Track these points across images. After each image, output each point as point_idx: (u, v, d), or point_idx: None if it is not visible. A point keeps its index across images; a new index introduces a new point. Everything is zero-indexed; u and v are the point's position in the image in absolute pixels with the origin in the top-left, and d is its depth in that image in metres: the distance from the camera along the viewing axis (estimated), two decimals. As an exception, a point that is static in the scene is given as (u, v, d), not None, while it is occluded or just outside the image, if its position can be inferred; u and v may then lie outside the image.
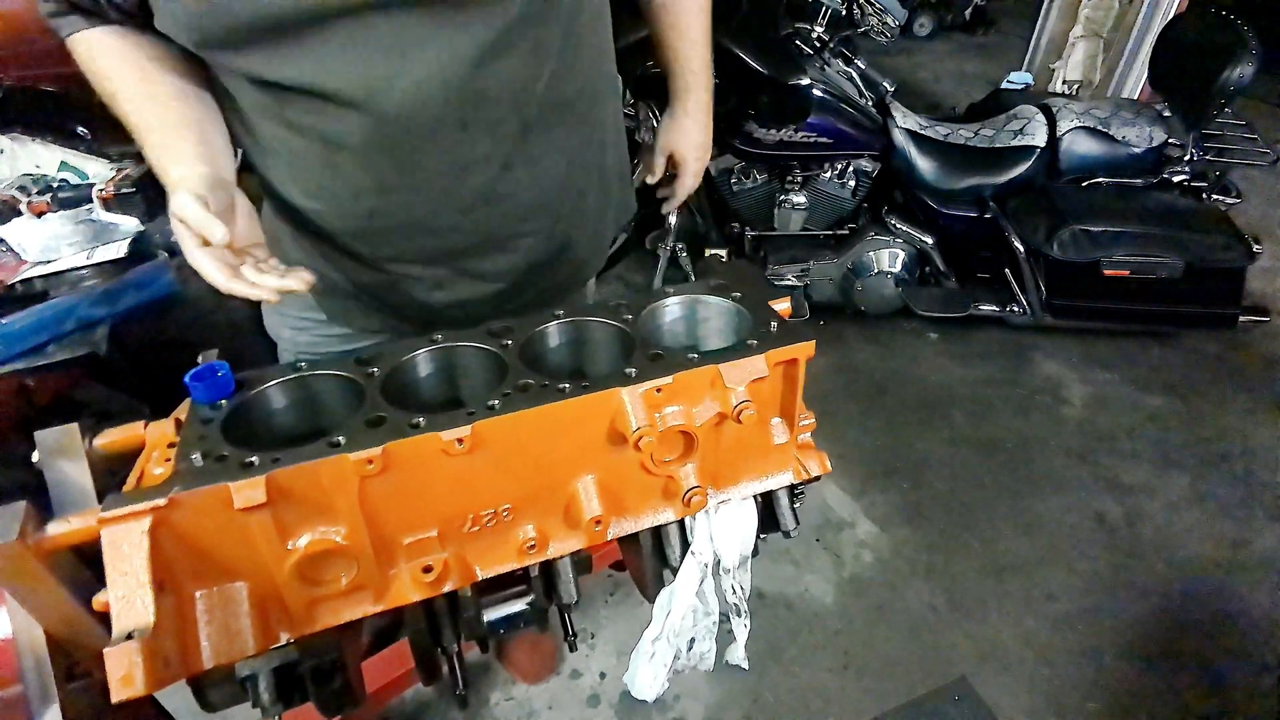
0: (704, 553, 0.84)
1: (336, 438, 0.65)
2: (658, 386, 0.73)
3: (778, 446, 0.85)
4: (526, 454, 0.72)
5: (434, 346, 0.81)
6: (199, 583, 0.65)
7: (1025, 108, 2.64)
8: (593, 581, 1.86)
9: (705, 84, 1.13)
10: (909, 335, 2.83)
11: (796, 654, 1.74)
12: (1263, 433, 2.43)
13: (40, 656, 0.65)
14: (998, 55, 6.16)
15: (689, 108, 1.12)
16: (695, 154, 1.17)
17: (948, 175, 2.56)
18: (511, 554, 0.77)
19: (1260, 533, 2.09)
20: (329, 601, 0.70)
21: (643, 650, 0.87)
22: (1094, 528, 2.08)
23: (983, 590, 1.90)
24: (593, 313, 0.86)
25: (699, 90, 1.12)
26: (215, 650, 0.64)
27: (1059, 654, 1.75)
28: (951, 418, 2.45)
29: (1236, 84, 2.33)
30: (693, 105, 1.13)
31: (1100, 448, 2.35)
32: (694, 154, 1.17)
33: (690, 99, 1.12)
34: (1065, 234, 2.38)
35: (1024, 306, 2.63)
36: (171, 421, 0.73)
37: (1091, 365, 2.70)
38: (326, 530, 0.66)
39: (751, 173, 2.59)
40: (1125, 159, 2.56)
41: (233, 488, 0.60)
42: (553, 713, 1.61)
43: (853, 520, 2.08)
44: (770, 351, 0.77)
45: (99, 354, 1.47)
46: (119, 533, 0.58)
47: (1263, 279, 3.11)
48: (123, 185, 1.61)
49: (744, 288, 0.91)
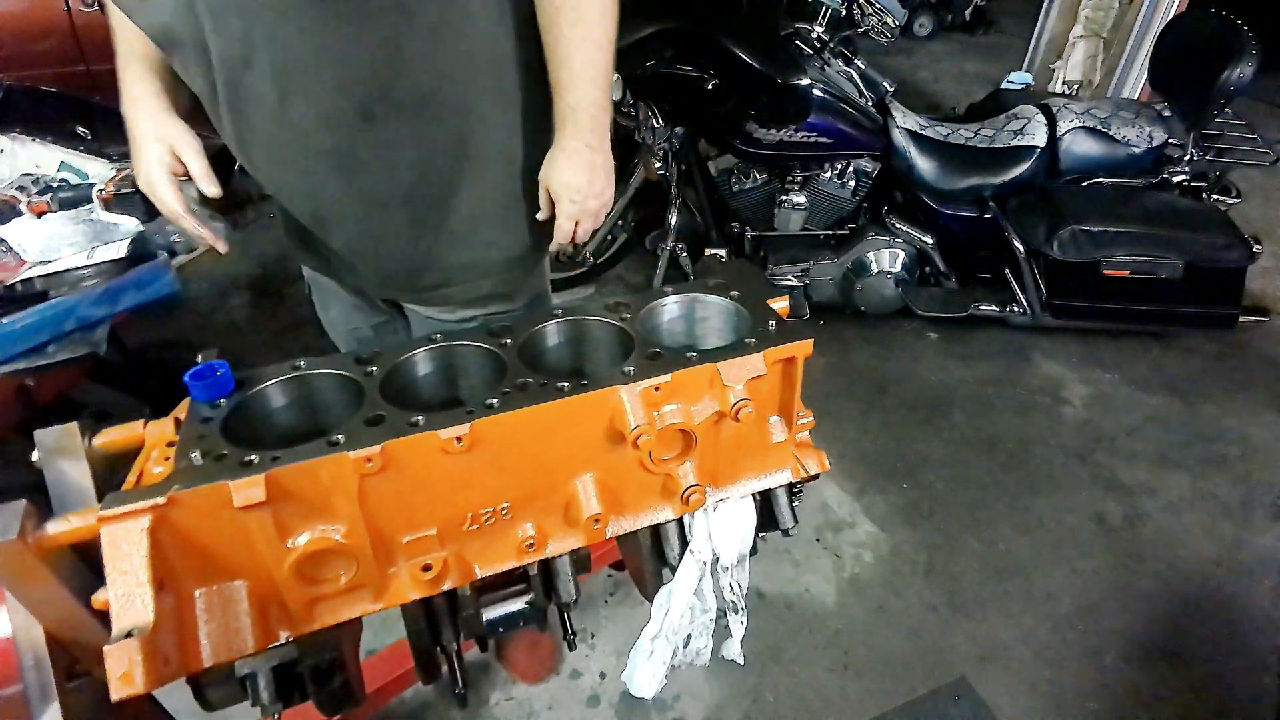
0: (702, 551, 0.84)
1: (336, 436, 0.65)
2: (656, 385, 0.73)
3: (776, 445, 0.85)
4: (525, 452, 0.72)
5: (433, 345, 0.81)
6: (198, 581, 0.65)
7: (1025, 108, 2.64)
8: (592, 581, 1.86)
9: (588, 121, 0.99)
10: (909, 335, 2.83)
11: (796, 654, 1.74)
12: (1263, 433, 2.43)
13: (40, 655, 0.65)
14: (998, 55, 6.16)
15: (563, 141, 1.00)
16: (567, 194, 1.02)
17: (948, 175, 2.56)
18: (511, 552, 0.78)
19: (1260, 533, 2.09)
20: (328, 600, 0.70)
21: (641, 648, 0.87)
22: (1094, 528, 2.08)
23: (983, 590, 1.90)
24: (592, 311, 0.87)
25: (575, 125, 0.99)
26: (215, 649, 0.64)
27: (1059, 654, 1.75)
28: (951, 418, 2.45)
29: (1236, 84, 2.33)
30: (568, 139, 1.00)
31: (1100, 448, 2.35)
32: (565, 193, 1.02)
33: (565, 132, 0.99)
34: (1065, 234, 2.38)
35: (1024, 306, 2.63)
36: (171, 421, 0.73)
37: (1091, 365, 2.70)
38: (326, 529, 0.66)
39: (751, 173, 2.59)
40: (1125, 159, 2.56)
41: (232, 486, 0.60)
42: (553, 713, 1.61)
43: (853, 520, 2.08)
44: (768, 350, 0.77)
45: (99, 354, 1.47)
46: (119, 531, 0.58)
47: (1263, 279, 3.11)
48: (123, 185, 1.61)
49: (743, 287, 0.91)
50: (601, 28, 0.94)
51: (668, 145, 2.49)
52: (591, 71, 0.96)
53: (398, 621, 0.78)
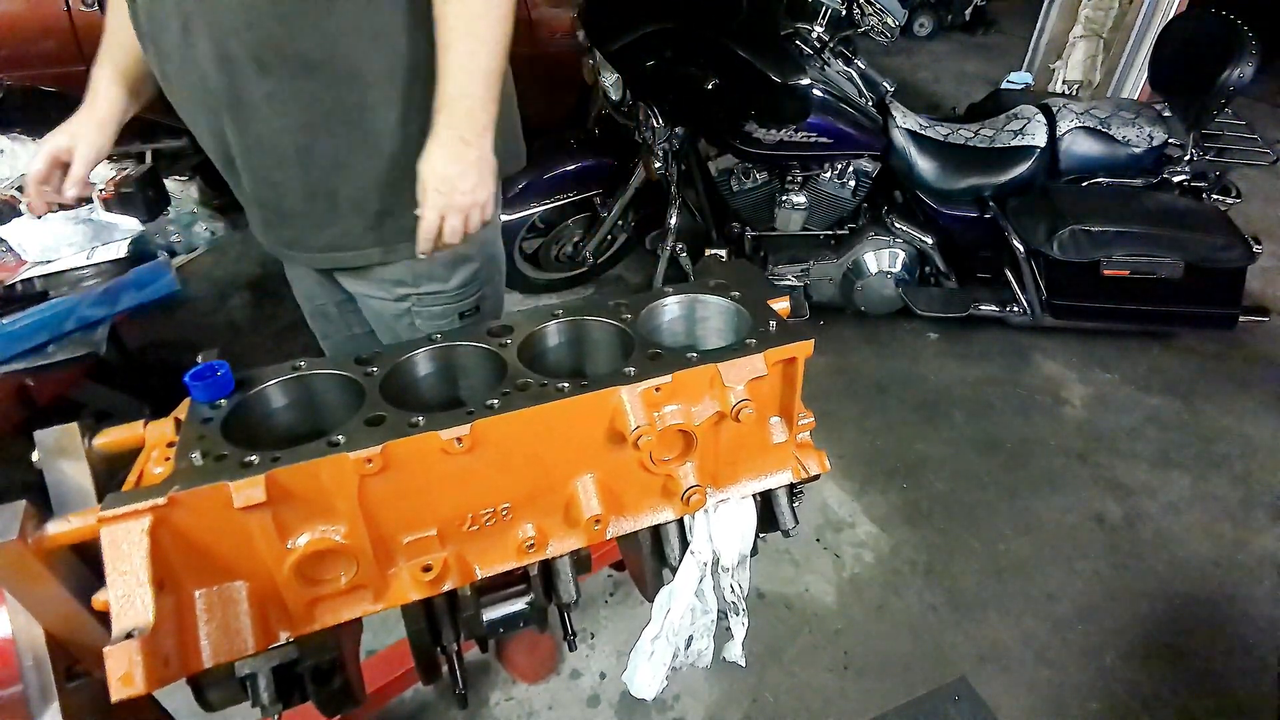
0: (703, 552, 0.84)
1: (336, 437, 0.65)
2: (657, 385, 0.73)
3: (777, 445, 0.85)
4: (526, 453, 0.72)
5: (433, 346, 0.81)
6: (199, 582, 0.65)
7: (1025, 108, 2.64)
8: (592, 581, 1.86)
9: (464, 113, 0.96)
10: (909, 335, 2.83)
11: (796, 654, 1.74)
12: (1263, 433, 2.43)
13: (40, 656, 0.65)
14: (998, 55, 6.17)
15: (437, 130, 0.96)
16: (433, 183, 0.97)
17: (948, 175, 2.56)
18: (511, 553, 0.77)
19: (1260, 533, 2.09)
20: (329, 600, 0.70)
21: (642, 649, 0.87)
22: (1094, 528, 2.08)
23: (983, 590, 1.90)
24: (592, 312, 0.86)
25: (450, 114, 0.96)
26: (215, 649, 0.64)
27: (1059, 654, 1.75)
28: (951, 418, 2.45)
29: (1236, 84, 2.33)
30: (441, 128, 0.96)
31: (1100, 448, 2.35)
32: (431, 182, 0.97)
33: (439, 120, 0.96)
34: (1065, 234, 2.38)
35: (1024, 306, 2.63)
36: (171, 421, 0.73)
37: (1091, 365, 2.70)
38: (326, 529, 0.66)
39: (751, 173, 2.59)
40: (1125, 159, 2.56)
41: (232, 487, 0.60)
42: (553, 713, 1.61)
43: (853, 520, 2.08)
44: (769, 350, 0.77)
45: (99, 354, 1.47)
46: (119, 532, 0.58)
47: (1263, 279, 3.11)
48: (123, 185, 1.61)
49: (743, 288, 0.91)
50: (486, 21, 0.94)
51: (668, 145, 2.48)
52: (472, 64, 0.95)
53: (398, 621, 0.78)
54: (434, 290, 1.16)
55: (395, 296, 1.16)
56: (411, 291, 1.15)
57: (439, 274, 1.15)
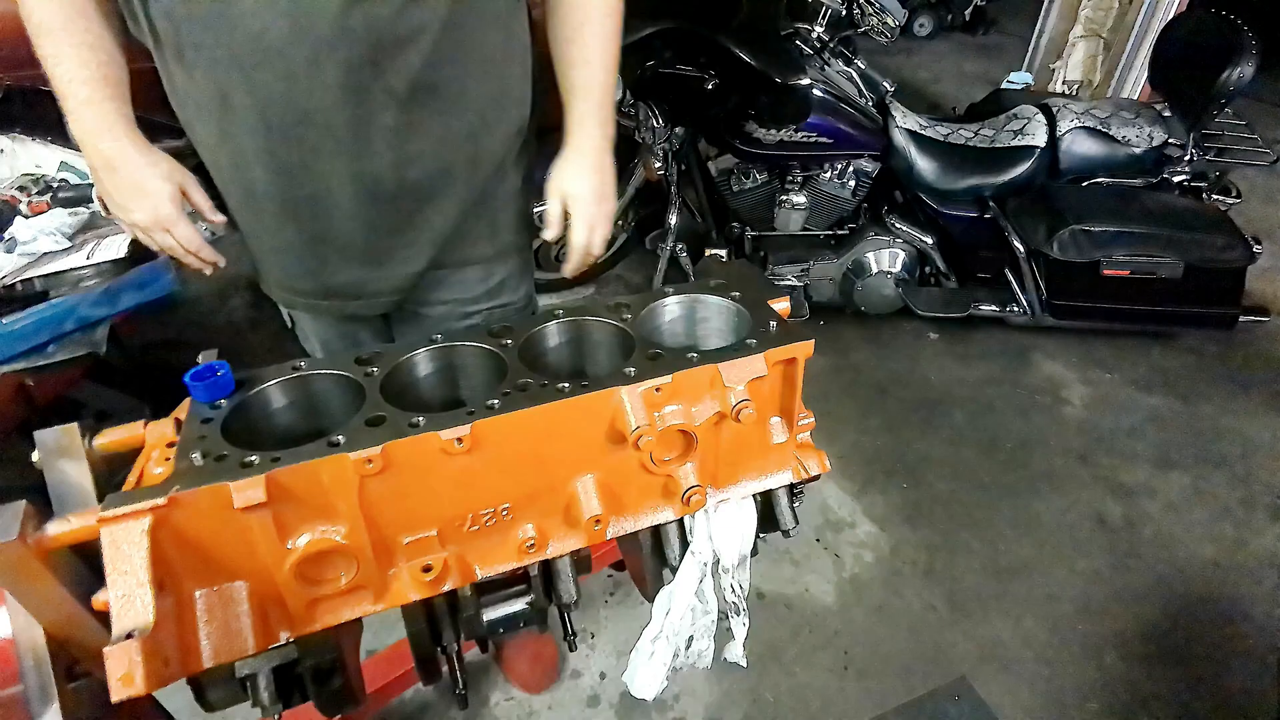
0: (703, 552, 0.84)
1: (336, 437, 0.65)
2: (657, 386, 0.73)
3: (777, 446, 0.85)
4: (526, 453, 0.72)
5: (433, 346, 0.81)
6: (199, 582, 0.65)
7: (1025, 108, 2.64)
8: (593, 581, 1.86)
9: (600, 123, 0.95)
10: (909, 335, 2.83)
11: (796, 654, 1.74)
12: (1263, 433, 2.43)
13: (40, 656, 0.65)
14: (998, 55, 6.16)
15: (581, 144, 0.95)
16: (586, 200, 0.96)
17: (948, 175, 2.56)
18: (511, 553, 0.77)
19: (1260, 533, 2.09)
20: (329, 601, 0.70)
21: (642, 649, 0.87)
22: (1094, 528, 2.08)
23: (983, 590, 1.90)
24: (592, 312, 0.86)
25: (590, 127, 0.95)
26: (215, 649, 0.64)
27: (1059, 654, 1.75)
28: (951, 418, 2.45)
29: (1236, 84, 2.33)
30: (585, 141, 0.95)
31: (1100, 448, 2.35)
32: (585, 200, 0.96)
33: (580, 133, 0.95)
34: (1065, 234, 2.38)
35: (1024, 306, 2.63)
36: (171, 421, 0.73)
37: (1091, 365, 2.70)
38: (326, 530, 0.66)
39: (751, 173, 2.59)
40: (1125, 159, 2.56)
41: (232, 487, 0.60)
42: (552, 713, 1.61)
43: (853, 520, 2.08)
44: (769, 351, 0.77)
45: (99, 354, 1.46)
46: (119, 532, 0.58)
47: (1263, 279, 3.11)
48: (123, 185, 1.61)
49: (744, 288, 0.91)
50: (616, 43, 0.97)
51: (668, 145, 2.49)
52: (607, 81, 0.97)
53: (398, 621, 0.78)
54: (504, 303, 1.13)
55: (460, 315, 1.11)
56: (482, 307, 1.11)
57: (510, 285, 1.13)
